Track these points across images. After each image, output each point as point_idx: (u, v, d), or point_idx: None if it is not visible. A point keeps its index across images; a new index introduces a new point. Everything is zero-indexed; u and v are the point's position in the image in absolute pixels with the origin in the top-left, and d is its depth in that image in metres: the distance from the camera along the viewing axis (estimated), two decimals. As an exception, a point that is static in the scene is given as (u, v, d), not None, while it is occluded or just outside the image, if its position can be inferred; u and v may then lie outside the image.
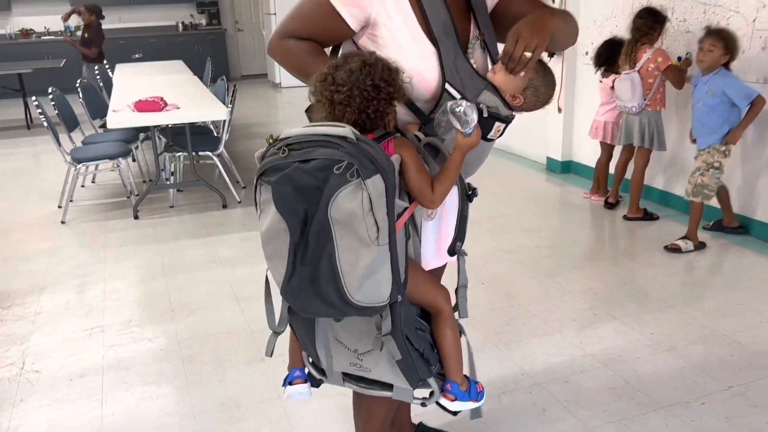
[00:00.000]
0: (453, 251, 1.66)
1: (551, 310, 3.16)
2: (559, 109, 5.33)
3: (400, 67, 1.43)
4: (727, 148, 3.61)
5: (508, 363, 2.71)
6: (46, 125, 4.54)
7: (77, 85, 5.75)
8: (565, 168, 5.51)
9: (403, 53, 1.50)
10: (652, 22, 4.04)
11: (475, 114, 1.43)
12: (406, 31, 1.53)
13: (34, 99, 4.70)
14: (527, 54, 1.44)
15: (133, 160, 5.77)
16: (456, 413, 1.67)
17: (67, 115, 5.12)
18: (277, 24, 1.62)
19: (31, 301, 3.43)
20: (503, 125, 1.55)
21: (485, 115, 1.48)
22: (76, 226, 4.58)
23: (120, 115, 4.57)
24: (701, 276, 3.63)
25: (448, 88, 1.52)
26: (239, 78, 12.11)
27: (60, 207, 4.82)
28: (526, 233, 4.19)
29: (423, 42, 1.53)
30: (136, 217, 4.69)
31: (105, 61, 8.05)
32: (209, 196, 5.07)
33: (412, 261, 1.51)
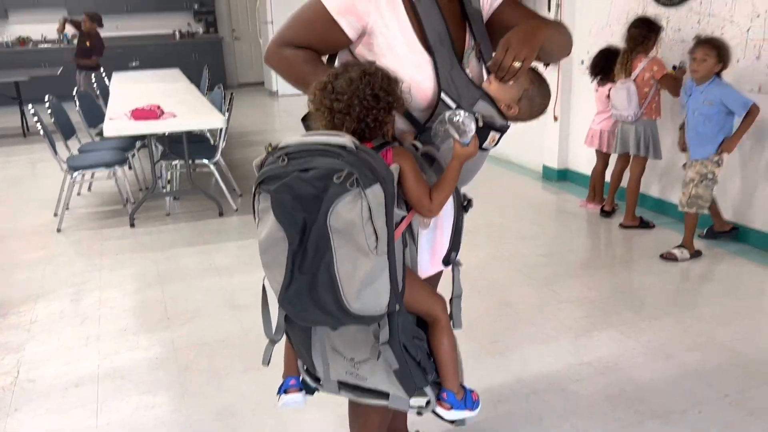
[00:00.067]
0: (448, 261, 1.66)
1: (548, 318, 3.16)
2: (555, 118, 5.35)
3: (399, 77, 1.43)
4: (720, 158, 3.62)
5: (505, 371, 2.71)
6: (42, 133, 4.54)
7: (74, 93, 5.75)
8: (561, 176, 5.52)
9: (399, 62, 1.51)
10: (647, 31, 4.07)
11: (473, 124, 1.44)
12: (402, 40, 1.53)
13: (30, 107, 4.70)
14: (516, 64, 1.45)
15: (130, 168, 5.76)
16: (452, 422, 1.67)
17: (64, 123, 5.12)
18: (274, 33, 1.63)
19: (26, 309, 3.42)
20: (498, 135, 1.56)
21: (480, 124, 1.49)
22: (72, 234, 4.56)
23: (117, 123, 4.57)
24: (697, 284, 3.63)
25: (444, 97, 1.52)
26: (236, 86, 12.13)
27: (56, 215, 4.81)
28: (523, 241, 4.19)
29: (419, 51, 1.54)
30: (132, 225, 4.68)
31: (102, 69, 8.07)
32: (206, 204, 5.06)
33: (410, 270, 1.52)
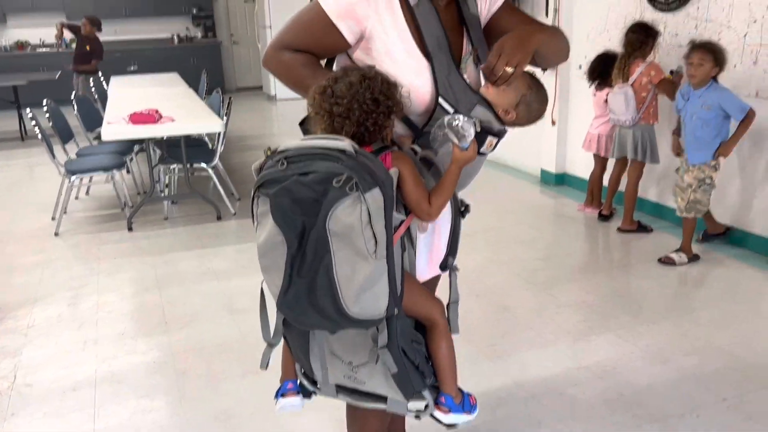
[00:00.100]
0: (445, 266, 1.67)
1: (546, 323, 3.16)
2: (553, 122, 5.36)
3: (398, 81, 1.44)
4: (717, 162, 3.63)
5: (503, 375, 2.70)
6: (40, 137, 4.54)
7: (72, 97, 5.75)
8: (559, 180, 5.53)
9: (398, 67, 1.52)
10: (644, 36, 4.08)
11: (472, 129, 1.45)
12: (400, 46, 1.54)
13: (28, 111, 4.70)
14: (509, 69, 1.46)
15: (128, 172, 5.76)
16: (450, 426, 1.66)
17: (62, 127, 5.12)
18: (273, 36, 1.63)
19: (24, 313, 3.41)
20: (496, 140, 1.57)
21: (478, 129, 1.49)
22: (70, 238, 4.56)
23: (115, 127, 4.57)
24: (695, 288, 3.64)
25: (442, 102, 1.53)
26: (234, 90, 12.13)
27: (54, 219, 4.81)
28: (521, 245, 4.20)
29: (417, 56, 1.54)
30: (130, 229, 4.67)
31: (100, 73, 8.07)
32: (204, 208, 5.06)
33: (408, 274, 1.52)
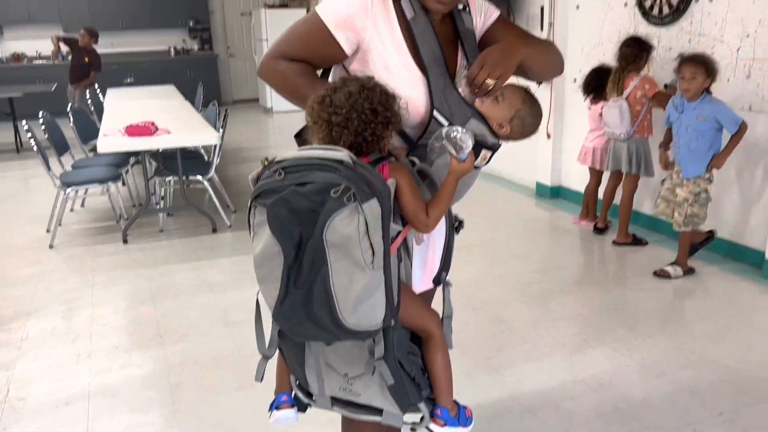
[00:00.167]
0: (438, 281, 1.67)
1: (541, 335, 3.15)
2: (548, 135, 5.38)
3: (396, 93, 1.44)
4: (711, 174, 3.65)
5: (499, 388, 2.70)
6: (35, 149, 4.53)
7: (68, 109, 5.75)
8: (554, 193, 5.55)
9: (394, 79, 1.52)
10: (638, 50, 4.12)
11: (470, 140, 1.46)
12: (397, 58, 1.55)
13: (24, 123, 4.69)
14: (489, 81, 1.46)
15: (123, 184, 5.75)
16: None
17: (57, 139, 5.11)
18: (269, 47, 1.63)
19: (17, 326, 3.39)
20: (490, 153, 1.58)
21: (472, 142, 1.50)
22: (65, 251, 4.54)
23: (111, 139, 4.57)
24: (690, 302, 3.64)
25: (437, 115, 1.54)
26: (231, 103, 12.17)
27: (48, 231, 4.79)
28: (516, 258, 4.20)
29: (413, 69, 1.56)
30: (126, 241, 4.66)
31: (96, 85, 8.08)
32: (199, 220, 5.06)
33: (404, 285, 1.52)
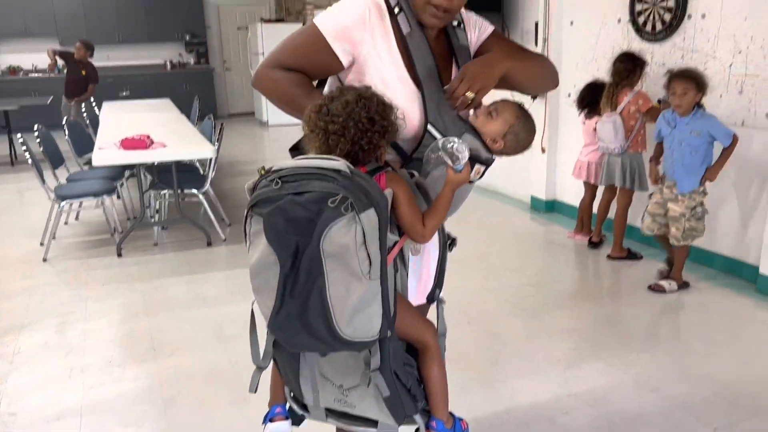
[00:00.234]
0: (432, 298, 1.67)
1: (536, 350, 3.15)
2: (543, 150, 5.40)
3: (393, 104, 1.45)
4: (705, 187, 3.67)
5: (494, 402, 2.69)
6: (30, 162, 4.53)
7: (63, 122, 5.75)
8: (549, 207, 5.56)
9: (389, 92, 1.53)
10: (632, 65, 4.15)
11: (466, 151, 1.47)
12: (393, 72, 1.56)
13: (19, 136, 4.69)
14: (469, 94, 1.47)
15: (118, 197, 5.74)
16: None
17: (52, 153, 5.11)
18: (264, 57, 1.63)
19: (10, 340, 3.37)
20: (483, 168, 1.59)
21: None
22: (58, 264, 4.52)
23: (106, 152, 4.57)
24: (685, 316, 3.64)
25: (431, 129, 1.55)
26: (226, 116, 12.18)
27: (42, 245, 4.77)
28: (511, 272, 4.20)
29: (408, 84, 1.57)
30: (120, 254, 4.65)
31: (92, 98, 8.08)
32: (194, 233, 5.04)
33: (400, 296, 1.52)
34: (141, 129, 5.18)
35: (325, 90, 1.67)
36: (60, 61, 8.23)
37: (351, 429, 1.61)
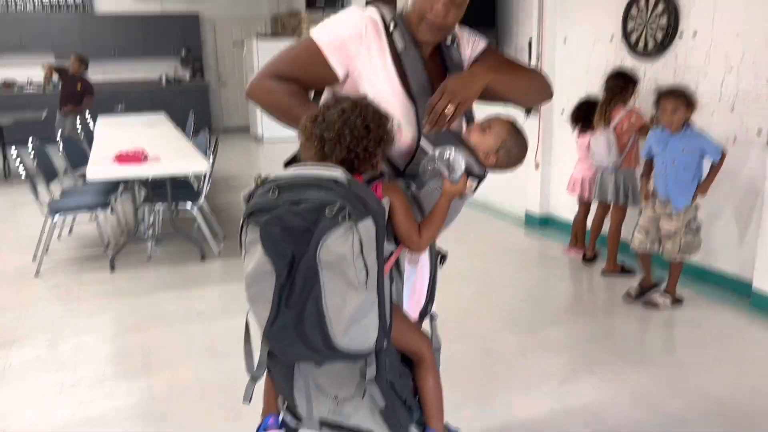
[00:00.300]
0: (425, 313, 1.67)
1: (530, 365, 3.14)
2: (537, 165, 5.42)
3: (389, 114, 1.46)
4: (697, 202, 3.69)
5: (488, 418, 2.67)
6: (23, 176, 4.51)
7: (58, 136, 5.74)
8: (543, 222, 5.57)
9: (383, 107, 1.54)
10: (624, 82, 4.18)
11: (462, 162, 1.48)
12: (387, 87, 1.57)
13: (13, 149, 4.68)
14: (448, 110, 1.48)
15: (112, 211, 5.72)
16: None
17: (46, 166, 5.10)
18: (260, 68, 1.63)
19: (0, 355, 3.34)
20: (476, 183, 1.60)
21: None
22: (51, 279, 4.50)
23: (100, 167, 4.56)
24: (679, 331, 3.64)
25: (424, 144, 1.56)
26: (221, 131, 12.19)
27: (34, 259, 4.74)
28: (506, 287, 4.20)
29: (402, 99, 1.58)
30: (113, 269, 4.62)
31: (87, 112, 8.08)
32: (187, 248, 5.03)
33: (396, 306, 1.51)
34: (136, 143, 5.18)
35: (324, 99, 1.68)
36: (55, 76, 8.23)
37: None
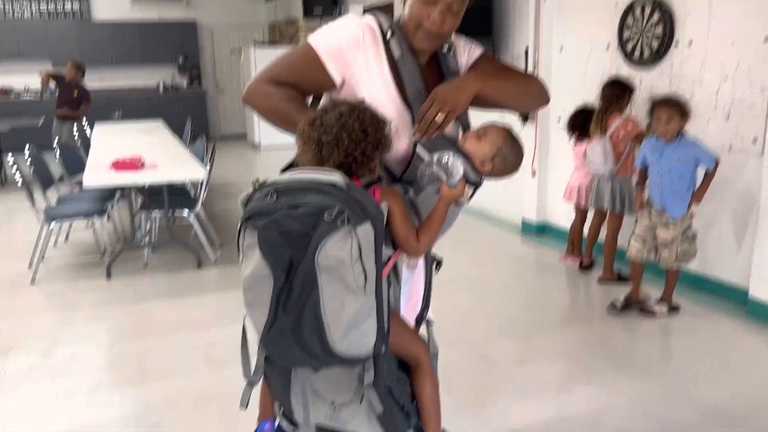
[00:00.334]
0: (421, 319, 1.67)
1: (528, 373, 3.14)
2: (534, 173, 5.43)
3: (387, 118, 1.46)
4: (692, 211, 3.70)
5: (485, 426, 2.67)
6: (20, 183, 4.51)
7: (55, 144, 5.74)
8: (540, 230, 5.58)
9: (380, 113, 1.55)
10: (620, 91, 4.20)
11: (461, 166, 1.48)
12: (384, 95, 1.58)
13: (10, 156, 4.67)
14: (438, 118, 1.48)
15: (108, 218, 5.71)
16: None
17: (43, 173, 5.09)
18: (257, 74, 1.64)
19: (-4, 363, 3.33)
20: (472, 190, 1.60)
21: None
22: (47, 287, 4.48)
23: (97, 174, 4.56)
24: (676, 339, 3.64)
25: (420, 151, 1.56)
26: (219, 138, 12.19)
27: (30, 267, 4.73)
28: (502, 294, 4.20)
29: (398, 106, 1.59)
30: (109, 276, 4.61)
31: (84, 119, 8.08)
32: (184, 255, 5.02)
33: (393, 311, 1.51)
34: (133, 150, 5.18)
35: (319, 107, 1.69)
36: (52, 83, 8.23)
37: None
